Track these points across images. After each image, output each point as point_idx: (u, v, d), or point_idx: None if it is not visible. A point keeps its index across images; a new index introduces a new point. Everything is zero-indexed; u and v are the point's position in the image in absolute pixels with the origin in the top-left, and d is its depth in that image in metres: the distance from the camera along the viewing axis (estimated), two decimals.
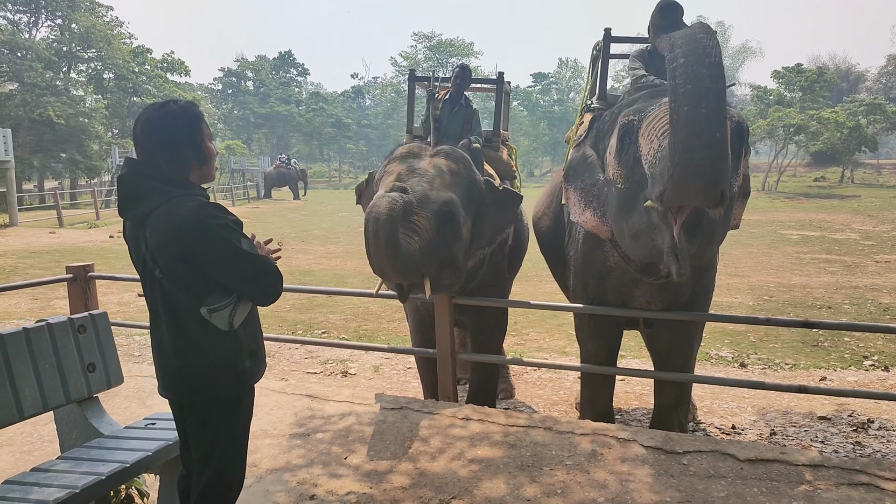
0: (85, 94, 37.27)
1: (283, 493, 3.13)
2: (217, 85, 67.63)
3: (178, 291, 2.06)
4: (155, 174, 2.06)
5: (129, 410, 4.17)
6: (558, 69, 69.59)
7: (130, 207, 2.08)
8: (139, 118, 2.08)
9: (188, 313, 2.07)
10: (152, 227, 2.02)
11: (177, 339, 2.11)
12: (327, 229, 20.66)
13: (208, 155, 2.15)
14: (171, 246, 1.99)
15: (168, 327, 2.11)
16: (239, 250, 2.02)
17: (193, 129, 2.11)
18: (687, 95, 2.47)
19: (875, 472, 3.17)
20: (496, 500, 3.01)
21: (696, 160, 2.54)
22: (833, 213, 24.54)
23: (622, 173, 3.28)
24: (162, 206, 2.01)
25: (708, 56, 2.49)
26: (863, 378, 6.20)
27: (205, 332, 2.08)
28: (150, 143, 2.07)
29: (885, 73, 55.93)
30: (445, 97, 5.00)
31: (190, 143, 2.10)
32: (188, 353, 2.10)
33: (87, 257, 13.60)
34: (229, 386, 2.14)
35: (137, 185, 2.06)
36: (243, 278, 2.06)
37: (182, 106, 2.11)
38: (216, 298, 2.05)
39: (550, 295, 8.86)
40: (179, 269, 2.02)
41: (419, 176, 4.03)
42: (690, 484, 3.10)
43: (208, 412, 2.13)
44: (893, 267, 13.01)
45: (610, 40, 4.64)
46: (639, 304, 4.00)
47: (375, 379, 6.29)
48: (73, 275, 5.52)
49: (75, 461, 2.59)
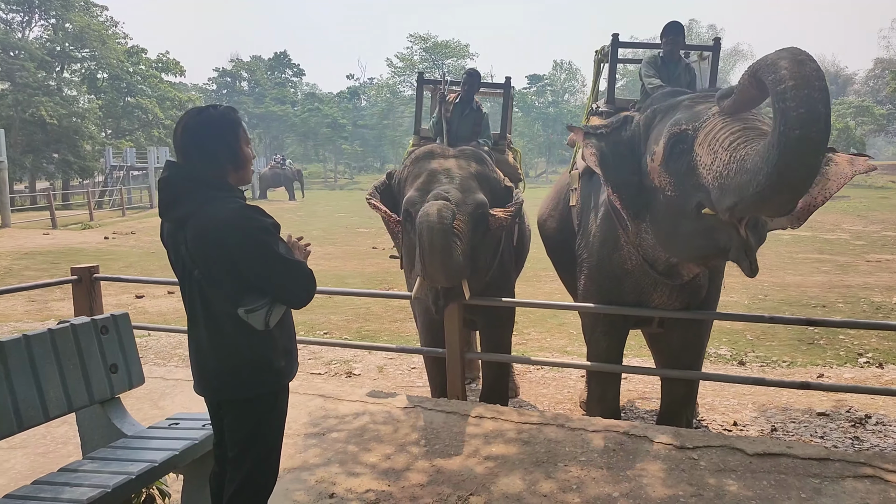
0: (78, 94, 37.18)
1: (303, 492, 3.18)
2: (212, 85, 67.57)
3: (216, 292, 2.11)
4: (195, 177, 2.12)
5: (143, 412, 4.20)
6: (553, 71, 69.79)
7: (171, 209, 2.14)
8: (179, 122, 2.15)
9: (225, 314, 2.12)
10: (193, 228, 2.07)
11: (214, 338, 2.16)
12: (325, 230, 20.69)
13: (244, 159, 2.21)
14: (211, 247, 2.05)
15: (206, 327, 2.16)
16: (275, 254, 2.08)
17: (231, 133, 2.17)
18: (800, 119, 2.54)
19: (879, 464, 3.25)
20: (513, 496, 3.08)
21: (796, 181, 2.64)
22: (824, 214, 24.69)
23: (672, 181, 3.35)
24: (202, 208, 2.07)
25: (819, 80, 2.58)
26: (858, 375, 6.31)
27: (242, 331, 2.13)
28: (188, 147, 2.13)
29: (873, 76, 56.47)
30: (456, 100, 5.07)
31: (227, 148, 2.16)
32: (226, 352, 2.16)
33: (83, 259, 13.58)
34: (266, 384, 2.19)
35: (178, 188, 2.12)
36: (277, 282, 2.11)
37: (221, 111, 2.19)
38: (253, 299, 2.10)
39: (550, 294, 8.95)
40: (218, 270, 2.08)
41: (450, 178, 4.12)
42: (701, 478, 3.17)
43: (246, 410, 2.18)
44: (884, 266, 13.16)
45: (618, 45, 4.72)
46: (657, 305, 4.07)
47: (380, 379, 6.34)
48: (79, 276, 5.53)
49: (103, 461, 2.63)
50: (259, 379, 2.18)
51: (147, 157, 32.92)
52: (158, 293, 10.52)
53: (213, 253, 2.06)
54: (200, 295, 2.15)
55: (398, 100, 63.52)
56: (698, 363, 4.32)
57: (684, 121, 3.31)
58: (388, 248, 16.12)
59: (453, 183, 4.08)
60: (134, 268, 13.19)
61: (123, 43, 39.01)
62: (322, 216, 26.04)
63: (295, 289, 2.15)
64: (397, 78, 67.72)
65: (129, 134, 38.68)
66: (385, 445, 3.65)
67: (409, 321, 8.80)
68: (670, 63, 4.47)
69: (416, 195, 4.10)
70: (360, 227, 21.73)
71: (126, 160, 32.20)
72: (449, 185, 4.05)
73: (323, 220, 24.22)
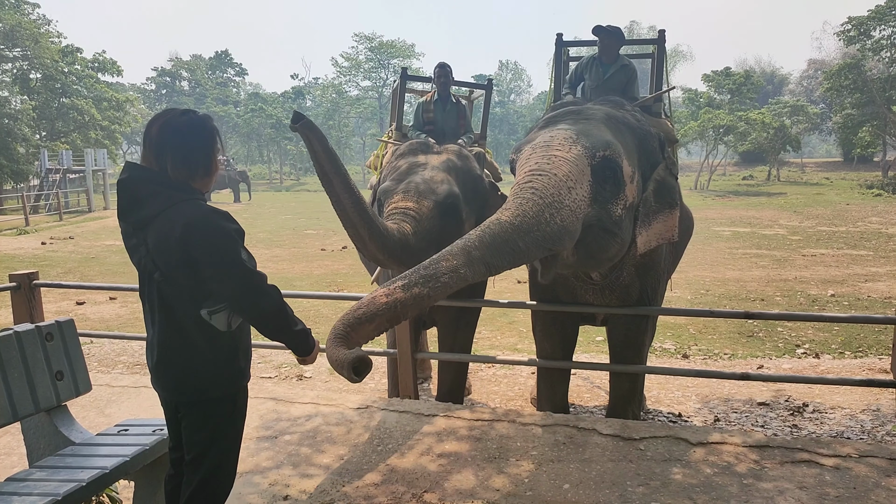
0: (10, 95, 35.79)
1: (256, 496, 3.16)
2: (150, 85, 66.01)
3: (177, 294, 2.10)
4: (158, 179, 2.11)
5: (89, 419, 4.11)
6: (499, 71, 70.40)
7: (132, 211, 2.11)
8: (155, 120, 2.14)
9: (186, 315, 2.12)
10: (156, 230, 2.06)
11: (175, 340, 2.15)
12: (272, 232, 20.44)
13: (214, 167, 2.24)
14: (175, 248, 2.03)
15: (167, 329, 2.15)
16: (237, 260, 2.07)
17: (211, 140, 2.20)
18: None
19: (814, 449, 3.42)
20: (466, 491, 3.13)
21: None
22: (761, 210, 25.60)
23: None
24: (166, 211, 2.06)
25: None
26: (796, 365, 6.58)
27: (203, 333, 2.13)
28: (166, 145, 2.11)
29: (807, 76, 58.68)
30: (434, 98, 5.10)
31: (205, 154, 2.18)
32: (188, 354, 2.15)
33: (19, 265, 13.13)
34: (226, 385, 2.20)
35: (139, 190, 2.10)
36: (233, 288, 2.10)
37: (203, 117, 2.20)
38: (216, 300, 2.11)
39: (499, 293, 9.03)
40: (180, 271, 2.06)
41: (424, 167, 4.22)
42: (648, 468, 3.28)
43: (205, 412, 2.18)
44: (819, 260, 13.72)
45: (562, 45, 4.82)
46: (591, 304, 4.21)
47: (331, 381, 6.32)
48: (18, 283, 5.37)
49: (52, 469, 2.58)
50: (220, 380, 2.18)
51: (84, 159, 31.96)
52: (100, 299, 10.24)
53: (177, 254, 2.03)
54: (160, 297, 2.13)
55: (344, 100, 63.06)
56: (640, 358, 4.46)
57: (515, 150, 3.72)
58: (336, 250, 16.05)
59: (428, 170, 4.19)
60: (73, 274, 12.81)
61: (57, 42, 37.70)
62: (268, 218, 25.72)
63: (251, 298, 2.12)
64: (343, 78, 67.34)
65: (64, 136, 37.35)
66: (338, 446, 3.65)
67: None
68: (603, 64, 4.61)
69: (390, 185, 4.17)
70: (307, 228, 21.54)
71: (62, 163, 31.13)
72: (421, 172, 4.16)
73: (269, 222, 23.92)
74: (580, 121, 3.66)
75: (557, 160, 3.30)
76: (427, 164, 4.27)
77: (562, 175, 3.24)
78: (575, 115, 3.74)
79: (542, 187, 3.17)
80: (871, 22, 36.07)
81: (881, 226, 19.46)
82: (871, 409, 5.14)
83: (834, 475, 3.17)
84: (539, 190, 3.16)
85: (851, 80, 37.40)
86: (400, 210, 3.93)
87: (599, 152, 3.42)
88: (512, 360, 5.29)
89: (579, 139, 3.43)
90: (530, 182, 3.23)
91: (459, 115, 5.12)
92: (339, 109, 61.39)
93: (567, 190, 3.23)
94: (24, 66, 35.97)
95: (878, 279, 11.49)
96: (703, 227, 20.01)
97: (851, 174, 42.57)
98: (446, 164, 4.28)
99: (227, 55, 67.30)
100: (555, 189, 3.18)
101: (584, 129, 3.54)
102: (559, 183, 3.21)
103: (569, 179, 3.26)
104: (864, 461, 3.30)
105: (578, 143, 3.41)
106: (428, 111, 5.06)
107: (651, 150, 3.85)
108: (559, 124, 3.66)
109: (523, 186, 3.23)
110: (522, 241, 3.00)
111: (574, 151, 3.37)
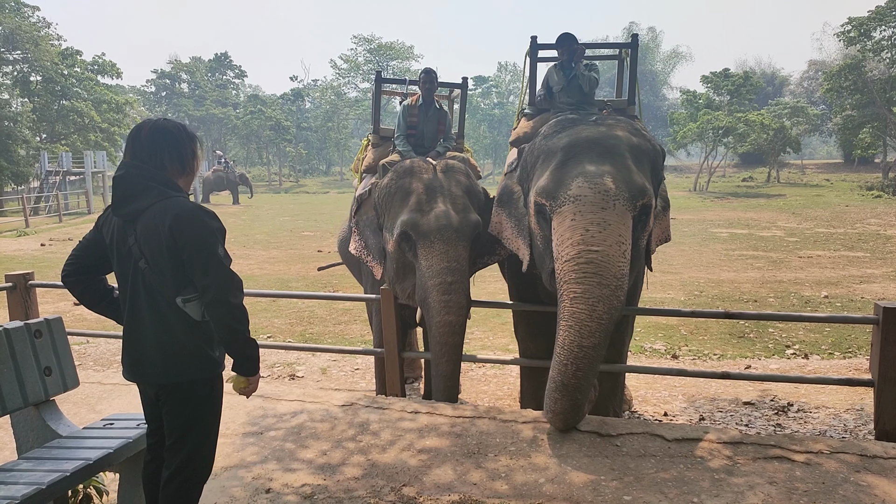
0: (10, 98, 35.86)
1: (240, 488, 3.24)
2: (150, 87, 66.03)
3: (160, 281, 2.26)
4: (152, 175, 2.29)
5: (80, 416, 4.19)
6: (498, 73, 70.40)
7: (125, 205, 2.28)
8: (142, 126, 2.34)
9: (167, 303, 2.28)
10: (146, 220, 2.23)
11: (156, 326, 2.29)
12: (269, 234, 20.52)
13: (195, 169, 2.45)
14: (163, 237, 2.20)
15: (149, 316, 2.30)
16: (215, 256, 2.23)
17: (194, 143, 2.44)
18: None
19: (787, 445, 3.49)
20: (444, 485, 3.20)
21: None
22: (760, 212, 25.63)
23: (540, 234, 3.95)
24: (156, 204, 2.24)
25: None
26: (784, 365, 6.63)
27: (180, 320, 2.29)
28: (159, 144, 2.31)
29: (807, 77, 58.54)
30: (418, 102, 5.22)
31: (191, 154, 2.41)
32: (167, 339, 2.29)
33: (18, 266, 13.20)
34: (203, 370, 2.33)
35: (133, 185, 2.28)
36: (207, 282, 2.23)
37: (183, 124, 2.43)
38: (191, 290, 2.27)
39: (493, 294, 9.11)
40: (164, 260, 2.23)
41: (443, 196, 4.42)
42: (623, 463, 3.35)
43: (184, 395, 2.32)
44: (815, 262, 13.76)
45: (536, 48, 4.91)
46: None
47: (323, 381, 6.40)
48: (13, 283, 5.46)
49: (38, 460, 2.67)
50: (196, 364, 2.32)
51: (84, 161, 32.05)
52: None
53: (164, 243, 2.21)
54: (144, 285, 2.29)
55: (342, 102, 63.08)
56: (620, 357, 4.58)
57: (545, 194, 3.79)
58: (332, 251, 16.10)
59: (448, 200, 4.39)
60: None
61: (57, 45, 37.71)
62: (266, 220, 25.80)
63: (221, 292, 2.25)
64: (342, 79, 67.41)
65: (64, 138, 37.37)
66: (322, 442, 3.73)
67: (353, 324, 8.87)
68: (567, 69, 4.75)
69: (415, 217, 4.32)
70: (304, 230, 21.61)
71: (62, 165, 31.25)
72: (443, 204, 4.35)
73: (267, 224, 24.01)
74: (606, 157, 3.76)
75: (610, 229, 3.49)
76: (440, 187, 4.46)
77: (614, 243, 3.49)
78: (596, 146, 3.83)
79: (607, 274, 3.44)
80: (871, 23, 36.05)
81: (879, 227, 19.47)
82: (856, 409, 5.20)
83: (804, 470, 3.24)
84: (605, 279, 3.43)
85: (852, 81, 37.38)
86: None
87: (639, 202, 3.61)
88: (494, 360, 5.36)
89: (620, 191, 3.58)
90: (591, 264, 3.46)
91: (440, 120, 5.25)
92: (338, 111, 61.46)
93: (624, 256, 3.48)
94: (24, 69, 35.99)
95: (873, 281, 11.54)
96: (701, 228, 20.08)
97: (852, 176, 42.53)
98: (458, 187, 4.53)
99: (226, 57, 67.31)
100: (617, 269, 3.46)
101: (617, 172, 3.67)
102: (619, 255, 3.48)
103: (622, 245, 3.49)
104: (836, 457, 3.36)
105: (620, 197, 3.57)
106: (412, 115, 5.20)
107: (660, 168, 4.06)
108: (586, 162, 3.76)
109: (587, 272, 3.45)
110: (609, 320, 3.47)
111: (619, 207, 3.55)
